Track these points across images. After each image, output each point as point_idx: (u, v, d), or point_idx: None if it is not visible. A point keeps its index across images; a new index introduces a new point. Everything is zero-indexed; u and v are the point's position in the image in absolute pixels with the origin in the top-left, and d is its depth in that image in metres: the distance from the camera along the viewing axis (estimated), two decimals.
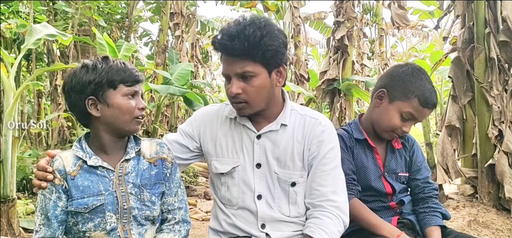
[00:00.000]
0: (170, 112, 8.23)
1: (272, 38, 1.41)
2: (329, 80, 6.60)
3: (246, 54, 1.40)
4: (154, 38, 10.74)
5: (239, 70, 1.43)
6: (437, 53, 8.33)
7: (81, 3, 6.93)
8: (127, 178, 1.40)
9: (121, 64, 1.39)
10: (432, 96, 1.68)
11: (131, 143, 1.45)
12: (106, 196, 1.37)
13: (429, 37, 14.70)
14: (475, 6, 3.92)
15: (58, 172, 1.36)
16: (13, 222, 2.90)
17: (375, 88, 1.78)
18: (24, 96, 8.50)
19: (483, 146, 3.82)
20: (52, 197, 1.35)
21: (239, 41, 1.38)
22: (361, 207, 1.66)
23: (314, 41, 15.92)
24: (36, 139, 8.68)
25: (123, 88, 1.37)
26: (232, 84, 1.45)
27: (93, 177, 1.37)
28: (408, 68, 1.71)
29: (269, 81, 1.46)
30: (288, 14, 7.77)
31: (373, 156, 1.78)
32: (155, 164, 1.45)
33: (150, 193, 1.41)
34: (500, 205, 3.72)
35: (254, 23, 1.41)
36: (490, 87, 3.78)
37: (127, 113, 1.38)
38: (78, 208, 1.35)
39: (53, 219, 1.35)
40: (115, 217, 1.37)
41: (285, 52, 1.48)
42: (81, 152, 1.39)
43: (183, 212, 1.50)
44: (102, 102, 1.37)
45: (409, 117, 1.69)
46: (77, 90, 1.37)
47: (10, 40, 6.96)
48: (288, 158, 1.53)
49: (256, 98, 1.46)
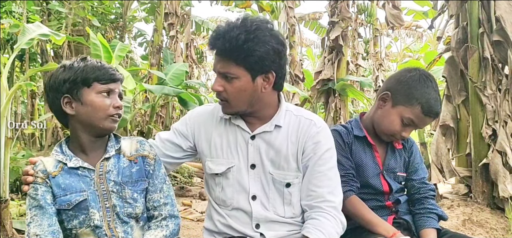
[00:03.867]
0: (165, 113, 8.20)
1: (259, 44, 1.39)
2: (324, 81, 6.62)
3: (228, 55, 1.40)
4: (148, 38, 10.70)
5: (221, 69, 1.44)
6: (432, 53, 8.38)
7: (75, 3, 6.89)
8: (108, 176, 1.41)
9: (97, 63, 1.41)
10: (436, 105, 1.68)
11: (111, 141, 1.46)
12: (89, 193, 1.38)
13: (424, 37, 14.79)
14: (468, 6, 3.93)
15: (42, 173, 1.38)
16: (6, 224, 2.88)
17: (381, 90, 1.78)
18: (17, 97, 8.44)
19: (477, 145, 3.84)
20: (38, 192, 1.37)
21: (222, 41, 1.39)
22: (359, 204, 1.66)
23: (309, 42, 15.96)
24: (29, 140, 8.63)
25: (97, 86, 1.38)
26: (215, 81, 1.47)
27: (74, 177, 1.39)
28: (416, 74, 1.70)
29: (251, 85, 1.44)
30: (283, 14, 7.79)
31: (372, 154, 1.78)
32: (135, 161, 1.46)
33: (132, 190, 1.42)
34: (494, 204, 3.73)
35: (243, 26, 1.40)
36: (484, 87, 3.79)
37: (101, 110, 1.38)
38: (61, 205, 1.37)
39: (47, 206, 1.36)
40: (98, 214, 1.37)
41: (277, 59, 1.44)
42: (61, 155, 1.41)
43: (170, 207, 1.48)
44: (76, 100, 1.38)
45: (409, 123, 1.69)
46: (54, 89, 1.39)
47: (4, 40, 6.91)
48: (282, 158, 1.52)
49: (236, 99, 1.46)
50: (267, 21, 1.49)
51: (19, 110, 8.89)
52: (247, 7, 8.95)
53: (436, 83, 1.72)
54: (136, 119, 7.41)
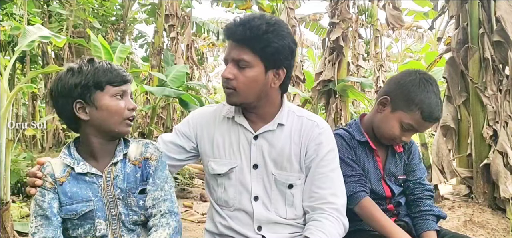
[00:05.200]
0: (166, 114, 8.21)
1: (277, 37, 1.42)
2: (324, 82, 6.61)
3: (246, 43, 1.41)
4: (149, 40, 10.72)
5: (236, 56, 1.44)
6: (432, 54, 8.37)
7: (76, 5, 6.90)
8: (115, 182, 1.37)
9: (107, 65, 1.36)
10: (436, 110, 1.63)
11: (120, 145, 1.42)
12: (95, 202, 1.35)
13: (424, 38, 14.78)
14: (469, 7, 3.93)
15: (50, 176, 1.35)
16: (7, 226, 2.88)
17: (380, 93, 1.74)
18: (18, 99, 8.45)
19: (478, 146, 3.84)
20: (45, 199, 1.33)
21: (243, 28, 1.40)
22: (373, 206, 1.62)
23: (310, 43, 15.96)
24: (30, 142, 8.64)
25: (111, 89, 1.34)
26: (226, 68, 1.46)
27: (81, 184, 1.35)
28: (416, 77, 1.65)
29: (263, 77, 1.45)
30: (283, 16, 7.78)
31: (374, 159, 1.76)
32: (139, 165, 1.41)
33: (137, 198, 1.38)
34: (495, 204, 3.73)
35: (264, 18, 1.43)
36: (485, 88, 3.79)
37: (117, 114, 1.35)
38: (67, 214, 1.34)
39: (53, 217, 1.32)
40: (104, 223, 1.34)
41: (290, 57, 1.47)
42: (69, 158, 1.37)
43: (169, 203, 1.40)
44: (90, 105, 1.34)
45: (409, 128, 1.66)
46: (64, 94, 1.34)
47: (4, 42, 6.92)
48: (285, 159, 1.52)
49: (245, 89, 1.45)
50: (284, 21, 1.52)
51: (20, 112, 8.90)
52: (248, 8, 8.96)
53: (437, 86, 1.67)
54: (137, 120, 7.42)
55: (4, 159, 2.87)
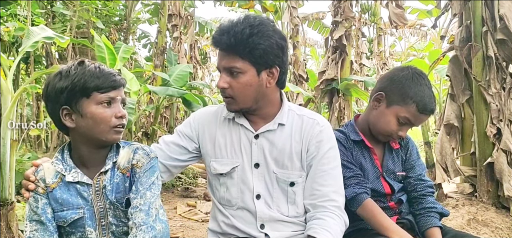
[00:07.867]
0: (169, 114, 8.22)
1: (263, 37, 1.41)
2: (327, 80, 6.60)
3: (233, 50, 1.42)
4: (152, 39, 10.75)
5: (227, 64, 1.45)
6: (436, 52, 8.35)
7: (79, 6, 6.93)
8: (105, 191, 1.32)
9: (95, 69, 1.29)
10: (431, 102, 1.67)
11: (112, 152, 1.36)
12: (86, 210, 1.32)
13: (428, 36, 14.75)
14: (472, 5, 3.92)
15: (42, 182, 1.33)
16: (12, 225, 2.90)
17: (374, 90, 1.77)
18: (23, 99, 8.49)
19: (482, 144, 3.83)
20: (39, 204, 1.31)
21: (227, 36, 1.40)
22: (375, 208, 1.63)
23: (313, 41, 15.95)
24: (35, 142, 8.68)
25: (97, 95, 1.28)
26: (220, 78, 1.48)
27: (72, 191, 1.32)
28: (409, 72, 1.70)
29: (257, 80, 1.46)
30: (286, 15, 7.79)
31: (371, 157, 1.77)
32: (128, 174, 1.35)
33: (125, 210, 1.33)
34: (499, 203, 3.72)
35: (247, 21, 1.42)
36: (488, 86, 3.78)
37: (102, 123, 1.28)
38: (58, 221, 1.32)
39: (48, 223, 1.30)
40: (95, 232, 1.32)
41: (280, 54, 1.47)
42: (60, 165, 1.33)
43: (144, 215, 1.28)
44: (76, 112, 1.28)
45: (405, 122, 1.68)
46: (51, 99, 1.30)
47: (9, 43, 6.95)
48: (286, 157, 1.53)
49: (242, 95, 1.46)
50: (268, 18, 1.51)
51: (25, 112, 8.93)
52: (251, 7, 8.96)
53: (429, 81, 1.72)
54: (141, 120, 7.44)
55: (9, 159, 2.89)
